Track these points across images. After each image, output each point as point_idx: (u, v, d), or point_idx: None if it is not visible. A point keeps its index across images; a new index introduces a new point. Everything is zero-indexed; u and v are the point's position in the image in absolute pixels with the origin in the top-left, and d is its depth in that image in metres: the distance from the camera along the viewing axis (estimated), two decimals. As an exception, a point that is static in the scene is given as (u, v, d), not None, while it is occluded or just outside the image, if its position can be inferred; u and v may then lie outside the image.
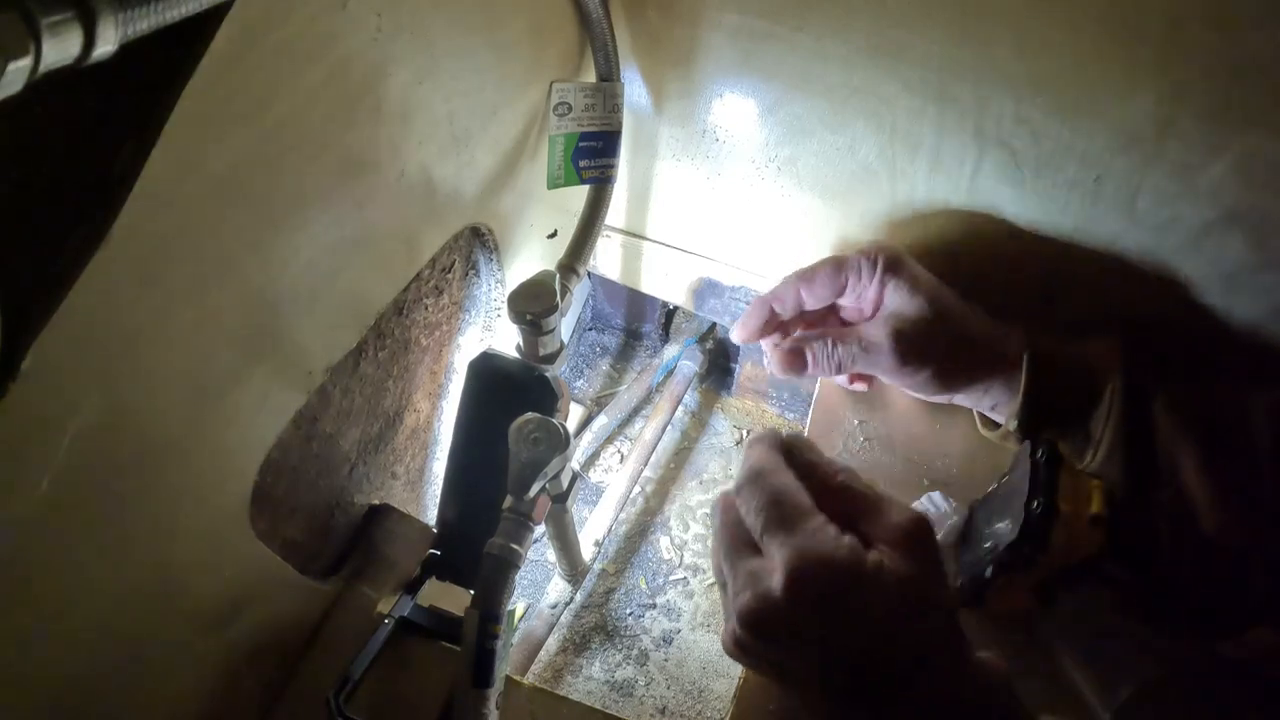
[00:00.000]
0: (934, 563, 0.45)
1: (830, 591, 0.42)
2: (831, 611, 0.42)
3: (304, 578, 0.54)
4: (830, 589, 0.42)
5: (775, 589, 0.43)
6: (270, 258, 0.42)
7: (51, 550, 0.35)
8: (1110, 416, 0.56)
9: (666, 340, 1.05)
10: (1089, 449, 0.57)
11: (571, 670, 0.80)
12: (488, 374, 0.61)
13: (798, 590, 0.42)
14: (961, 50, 0.58)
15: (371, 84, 0.45)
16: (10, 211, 0.30)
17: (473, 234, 0.66)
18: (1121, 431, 0.55)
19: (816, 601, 0.42)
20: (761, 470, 0.47)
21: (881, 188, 0.69)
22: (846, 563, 0.42)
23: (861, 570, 0.42)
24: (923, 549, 0.45)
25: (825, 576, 0.42)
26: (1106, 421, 0.56)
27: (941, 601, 0.45)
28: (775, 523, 0.45)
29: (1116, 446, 0.55)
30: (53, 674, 0.38)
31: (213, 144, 0.35)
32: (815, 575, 0.42)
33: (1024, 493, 0.51)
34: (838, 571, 0.42)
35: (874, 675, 0.43)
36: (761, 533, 0.45)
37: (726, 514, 0.49)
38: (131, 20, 0.25)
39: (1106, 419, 0.56)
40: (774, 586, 0.43)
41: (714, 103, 0.71)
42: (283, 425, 0.47)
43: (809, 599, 0.42)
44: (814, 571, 0.42)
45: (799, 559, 0.42)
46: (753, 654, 0.47)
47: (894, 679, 0.43)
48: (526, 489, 0.53)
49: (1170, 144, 0.56)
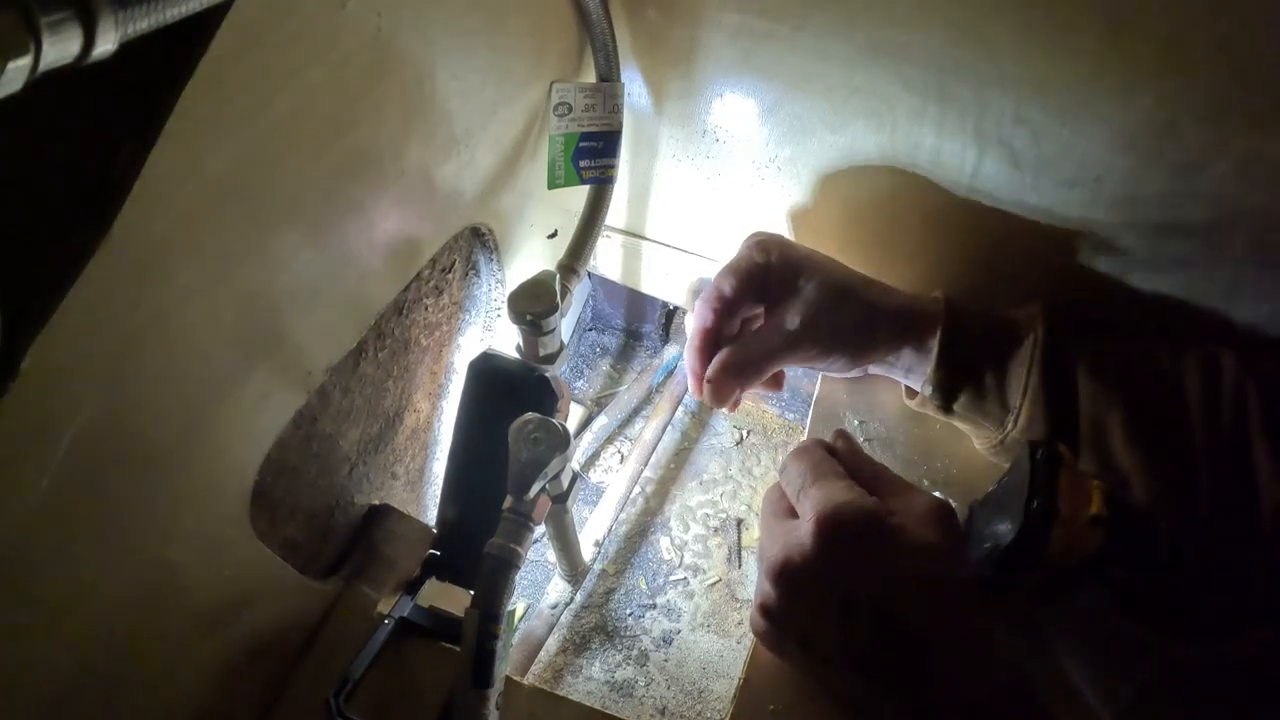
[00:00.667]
0: (954, 540, 0.48)
1: (855, 534, 0.45)
2: (855, 557, 0.45)
3: (304, 578, 0.54)
4: (855, 532, 0.45)
5: (804, 537, 0.46)
6: (270, 258, 0.42)
7: (51, 550, 0.35)
8: (1029, 382, 0.56)
9: (667, 340, 1.05)
10: (1008, 417, 0.57)
11: (571, 671, 0.80)
12: (488, 374, 0.61)
13: (824, 531, 0.46)
14: (962, 50, 0.58)
15: (371, 84, 0.45)
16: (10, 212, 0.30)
17: (473, 234, 0.66)
18: (1041, 399, 0.55)
19: (841, 544, 0.46)
20: (802, 449, 0.52)
21: (882, 188, 0.69)
22: (871, 512, 0.46)
23: (884, 524, 0.46)
24: (943, 526, 0.47)
25: (850, 521, 0.46)
26: (1026, 389, 0.56)
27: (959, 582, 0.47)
28: (809, 483, 0.49)
29: (1036, 415, 0.55)
30: (53, 674, 0.38)
31: (213, 144, 0.35)
32: (841, 519, 0.46)
33: (1023, 493, 0.51)
34: (862, 518, 0.46)
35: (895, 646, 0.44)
36: (797, 494, 0.49)
37: (771, 494, 0.53)
38: (131, 19, 0.25)
39: (1025, 387, 0.56)
40: (803, 535, 0.46)
41: (714, 103, 0.71)
42: (282, 425, 0.47)
43: (834, 541, 0.46)
44: (840, 514, 0.46)
45: (827, 504, 0.46)
46: (778, 621, 0.49)
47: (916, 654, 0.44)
48: (526, 489, 0.53)
49: (1170, 144, 0.56)
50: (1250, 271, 0.60)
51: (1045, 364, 0.56)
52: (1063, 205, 0.63)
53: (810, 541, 0.46)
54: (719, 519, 0.92)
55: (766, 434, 1.00)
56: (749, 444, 0.99)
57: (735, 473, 0.96)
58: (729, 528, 0.91)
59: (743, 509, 0.93)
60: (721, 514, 0.92)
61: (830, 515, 0.46)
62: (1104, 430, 0.55)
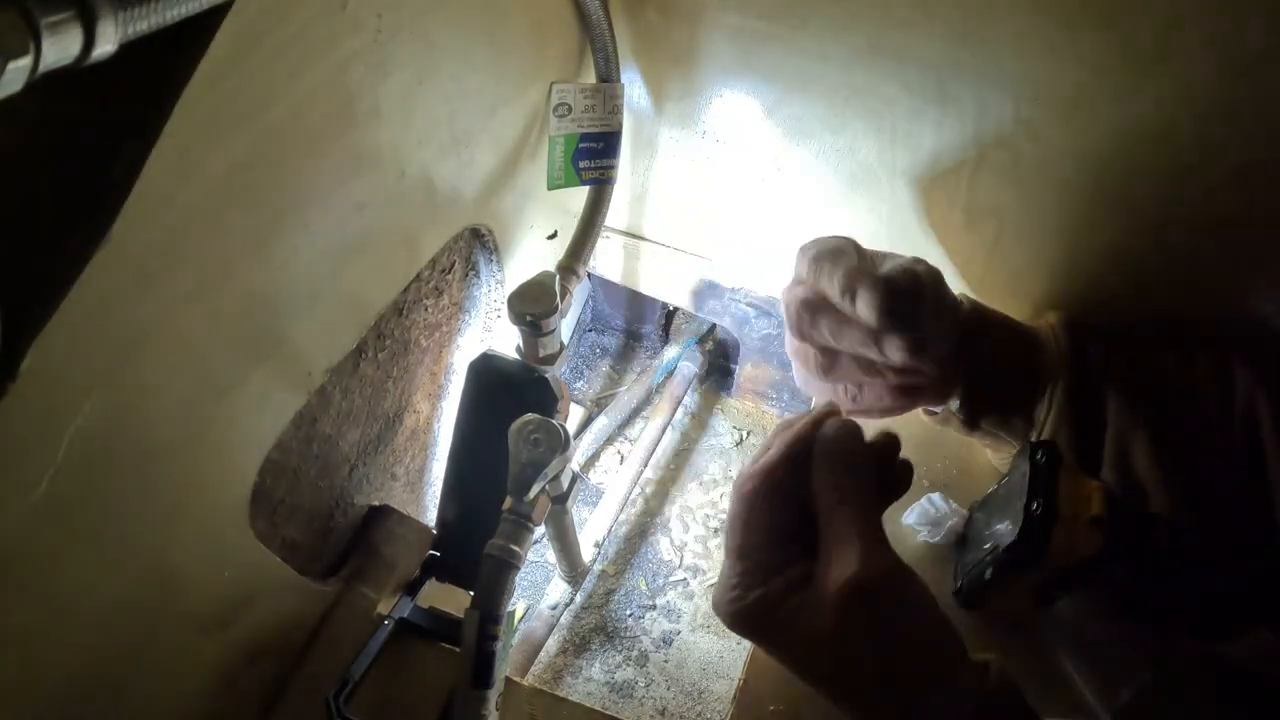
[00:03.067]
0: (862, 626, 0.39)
1: (751, 626, 0.41)
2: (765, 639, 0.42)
3: (304, 578, 0.54)
4: (750, 624, 0.41)
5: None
6: (270, 258, 0.42)
7: (51, 550, 0.35)
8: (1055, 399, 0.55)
9: (666, 341, 1.05)
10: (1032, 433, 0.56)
11: (571, 671, 0.80)
12: (488, 375, 0.61)
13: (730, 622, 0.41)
14: (962, 51, 0.58)
15: (372, 84, 0.45)
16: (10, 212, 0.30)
17: (473, 235, 0.66)
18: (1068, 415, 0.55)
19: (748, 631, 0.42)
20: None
21: (881, 188, 0.69)
22: (754, 606, 0.40)
23: (775, 610, 0.40)
24: (847, 610, 0.39)
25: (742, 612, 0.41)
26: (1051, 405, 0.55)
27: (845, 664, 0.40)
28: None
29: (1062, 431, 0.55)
30: (53, 674, 0.38)
31: (213, 144, 0.35)
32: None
33: (1024, 494, 0.51)
34: (749, 611, 0.40)
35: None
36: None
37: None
38: (131, 20, 0.25)
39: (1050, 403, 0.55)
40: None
41: (714, 103, 0.71)
42: (283, 426, 0.47)
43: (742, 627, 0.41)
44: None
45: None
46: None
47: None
48: (526, 490, 0.53)
49: (1170, 145, 0.56)
50: (1251, 271, 0.60)
51: (1071, 381, 0.55)
52: (1062, 205, 0.63)
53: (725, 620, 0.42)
54: (719, 520, 0.92)
55: (766, 435, 1.00)
56: (749, 445, 0.99)
57: (735, 473, 0.96)
58: (729, 528, 0.91)
59: (743, 510, 0.93)
60: (721, 515, 0.92)
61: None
62: (1128, 446, 0.54)
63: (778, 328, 0.89)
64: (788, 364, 0.92)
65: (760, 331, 0.90)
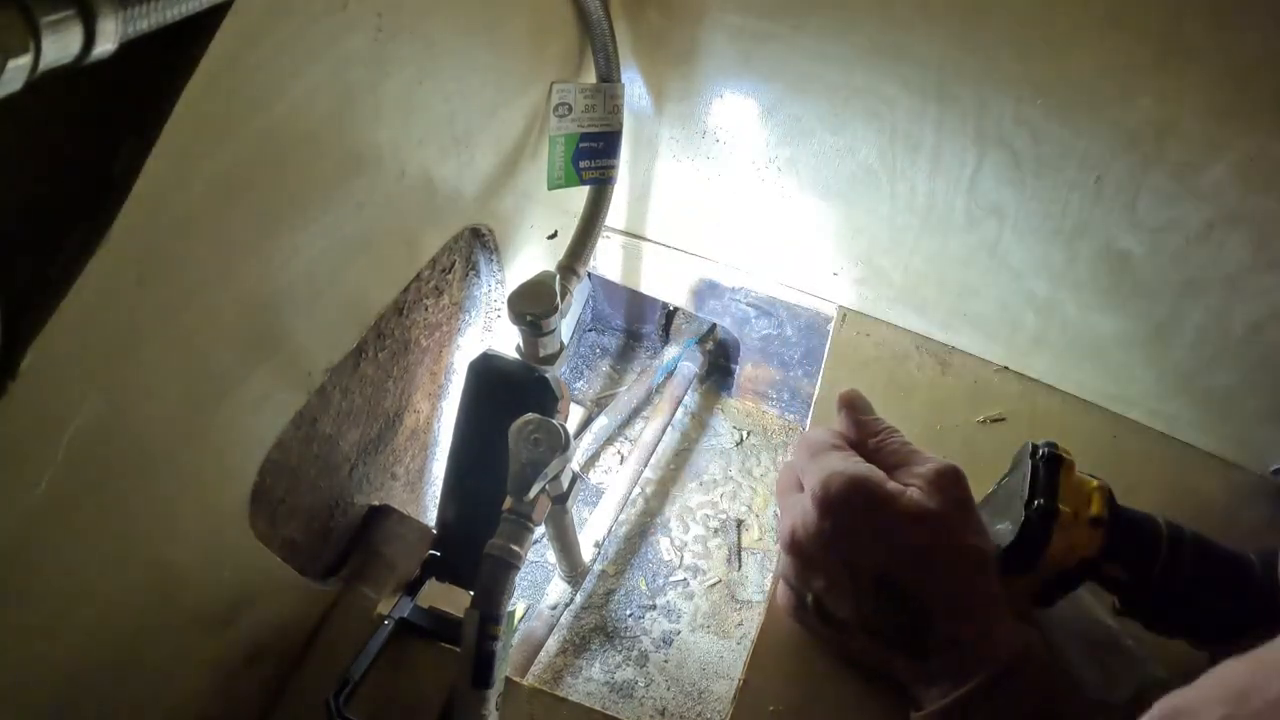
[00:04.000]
0: (963, 507, 0.48)
1: (850, 501, 0.47)
2: (854, 525, 0.47)
3: (303, 578, 0.54)
4: (850, 500, 0.47)
5: (809, 509, 0.48)
6: (270, 258, 0.42)
7: (51, 550, 0.35)
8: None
9: (666, 341, 1.05)
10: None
11: (571, 671, 0.80)
12: (488, 375, 0.61)
13: (825, 502, 0.47)
14: (962, 51, 0.58)
15: (371, 84, 0.45)
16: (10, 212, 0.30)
17: (473, 234, 0.66)
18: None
19: (839, 513, 0.47)
20: (804, 432, 0.54)
21: (881, 188, 0.69)
22: (867, 480, 0.47)
23: (882, 490, 0.47)
24: (949, 491, 0.48)
25: (848, 490, 0.47)
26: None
27: (959, 548, 0.47)
28: (808, 459, 0.50)
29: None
30: (52, 674, 0.38)
31: (213, 144, 0.35)
32: (839, 488, 0.47)
33: (1024, 494, 0.51)
34: (859, 486, 0.47)
35: (901, 609, 0.46)
36: (801, 471, 0.51)
37: (783, 473, 0.55)
38: (131, 19, 0.25)
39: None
40: (807, 507, 0.48)
41: (714, 103, 0.71)
42: (282, 426, 0.47)
43: (832, 509, 0.47)
44: (838, 485, 0.47)
45: (825, 476, 0.48)
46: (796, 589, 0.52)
47: (921, 617, 0.45)
48: (526, 490, 0.53)
49: (1170, 144, 0.56)
50: (1251, 271, 0.60)
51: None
52: (1063, 205, 0.63)
53: (811, 511, 0.48)
54: (719, 520, 0.92)
55: (766, 435, 1.00)
56: (749, 445, 0.99)
57: (735, 474, 0.96)
58: (729, 529, 0.91)
59: (743, 510, 0.93)
60: (721, 515, 0.92)
61: (827, 487, 0.47)
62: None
63: (778, 328, 0.89)
64: (788, 364, 0.93)
65: (760, 331, 0.90)
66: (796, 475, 0.53)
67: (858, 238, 0.74)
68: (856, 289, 0.79)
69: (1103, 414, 0.74)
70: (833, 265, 0.78)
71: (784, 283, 0.84)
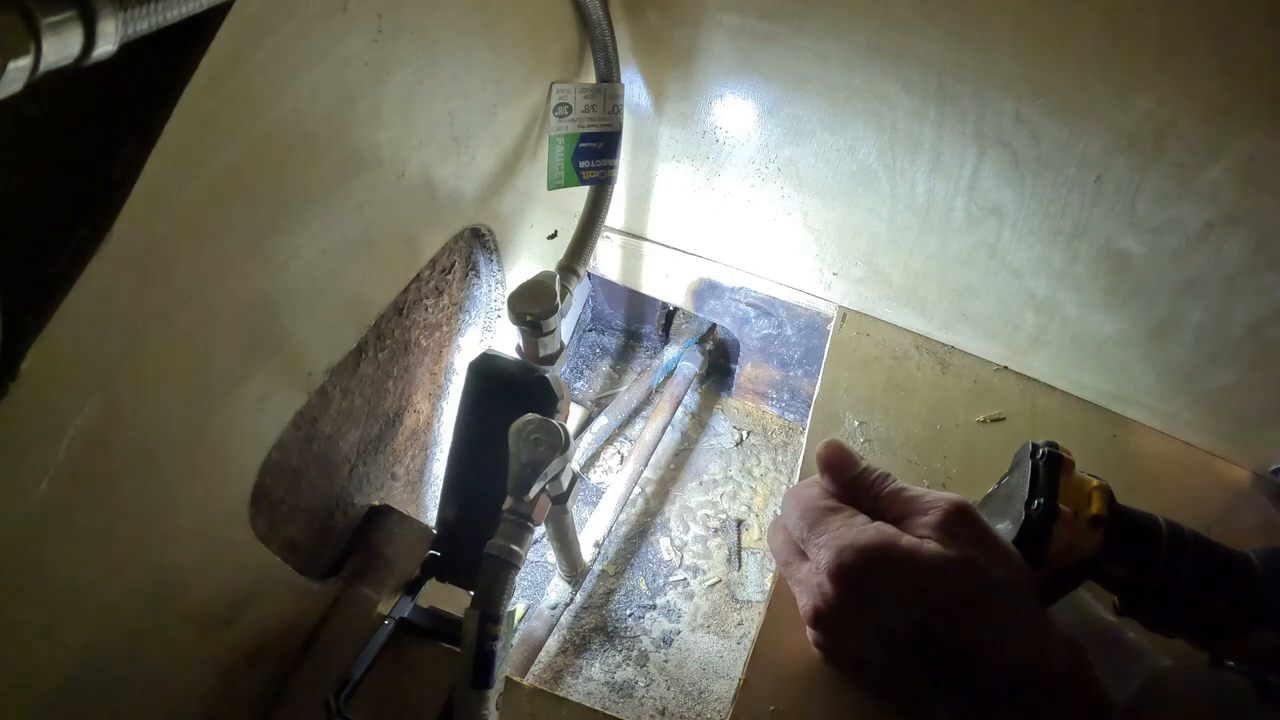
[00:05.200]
0: (982, 543, 0.46)
1: (873, 571, 0.45)
2: (875, 591, 0.45)
3: (303, 578, 0.54)
4: (872, 569, 0.45)
5: (825, 586, 0.46)
6: (270, 258, 0.42)
7: (51, 550, 0.35)
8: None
9: (666, 341, 1.05)
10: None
11: (571, 671, 0.80)
12: (488, 375, 0.61)
13: (843, 578, 0.45)
14: (962, 51, 0.58)
15: (371, 84, 0.45)
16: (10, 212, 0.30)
17: (473, 235, 0.66)
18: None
19: (859, 586, 0.45)
20: (796, 491, 0.52)
21: (881, 188, 0.69)
22: (880, 545, 0.45)
23: (898, 550, 0.45)
24: (962, 533, 0.46)
25: (864, 560, 0.45)
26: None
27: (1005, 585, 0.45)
28: (808, 528, 0.48)
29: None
30: (52, 674, 0.38)
31: (213, 144, 0.35)
32: (854, 561, 0.45)
33: (1024, 493, 0.51)
34: (875, 554, 0.45)
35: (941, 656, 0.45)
36: (803, 540, 0.49)
37: (775, 534, 0.53)
38: (132, 20, 0.25)
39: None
40: (824, 584, 0.46)
41: (714, 104, 0.72)
42: (283, 426, 0.47)
43: (851, 585, 0.45)
44: (852, 558, 0.45)
45: (836, 549, 0.46)
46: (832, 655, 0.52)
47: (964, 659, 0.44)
48: (526, 490, 0.53)
49: (1170, 144, 0.56)
50: (1250, 271, 0.60)
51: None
52: (1062, 205, 0.63)
53: (829, 586, 0.46)
54: (719, 520, 0.92)
55: (766, 434, 1.00)
56: (749, 445, 0.99)
57: (735, 473, 0.96)
58: (729, 528, 0.91)
59: (743, 510, 0.93)
60: (721, 515, 0.92)
61: (839, 564, 0.45)
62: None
63: (777, 328, 0.89)
64: (788, 364, 0.93)
65: (760, 331, 0.90)
66: (793, 539, 0.51)
67: (858, 237, 0.74)
68: (856, 289, 0.79)
69: (1102, 413, 0.74)
70: (833, 265, 0.78)
71: (784, 283, 0.84)
